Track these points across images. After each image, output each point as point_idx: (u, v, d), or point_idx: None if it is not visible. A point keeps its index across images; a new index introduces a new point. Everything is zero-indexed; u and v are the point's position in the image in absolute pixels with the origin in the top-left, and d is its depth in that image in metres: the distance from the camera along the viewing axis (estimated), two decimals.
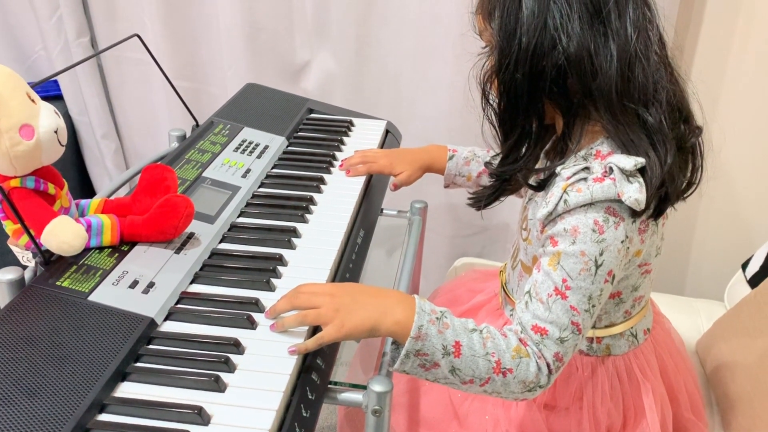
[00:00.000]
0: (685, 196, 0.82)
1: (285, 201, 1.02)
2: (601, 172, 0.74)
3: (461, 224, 1.69)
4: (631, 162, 0.73)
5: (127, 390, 0.66)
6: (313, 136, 1.25)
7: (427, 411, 0.99)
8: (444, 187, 1.18)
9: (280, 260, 0.87)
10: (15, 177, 0.77)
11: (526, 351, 0.74)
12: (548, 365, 0.74)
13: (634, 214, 0.75)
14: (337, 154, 1.19)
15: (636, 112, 0.76)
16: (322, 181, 1.09)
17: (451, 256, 1.68)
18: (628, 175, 0.73)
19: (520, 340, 0.75)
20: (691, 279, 1.65)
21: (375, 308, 0.73)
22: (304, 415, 0.68)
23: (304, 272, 0.86)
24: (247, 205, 1.01)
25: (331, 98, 1.60)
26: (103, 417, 0.63)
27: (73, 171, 1.97)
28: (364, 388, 0.72)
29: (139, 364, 0.69)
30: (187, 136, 1.20)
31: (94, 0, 1.75)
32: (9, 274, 0.77)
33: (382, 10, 1.53)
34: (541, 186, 0.84)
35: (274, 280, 0.83)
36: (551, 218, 0.77)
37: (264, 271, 0.85)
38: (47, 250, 0.78)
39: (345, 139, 1.25)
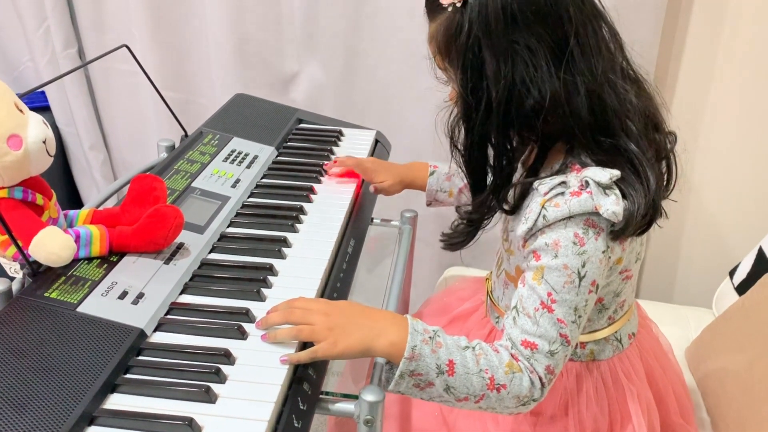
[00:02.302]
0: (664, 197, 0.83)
1: (275, 211, 1.02)
2: (577, 185, 0.75)
3: None
4: (606, 175, 0.74)
5: (116, 402, 0.66)
6: (302, 146, 1.25)
7: (419, 421, 0.98)
8: (426, 204, 1.18)
9: (270, 270, 0.87)
10: (2, 188, 0.77)
11: (518, 366, 0.74)
12: (540, 379, 0.75)
13: (617, 232, 0.75)
14: (327, 163, 1.19)
15: (614, 144, 0.76)
16: (311, 190, 1.09)
17: (441, 266, 1.68)
18: (604, 187, 0.74)
19: (512, 355, 0.75)
20: (679, 287, 1.66)
21: (369, 329, 0.74)
22: (296, 425, 0.67)
23: (295, 282, 0.86)
24: (237, 215, 1.00)
25: (321, 108, 1.61)
26: (93, 429, 0.62)
27: (61, 182, 1.96)
28: (356, 397, 0.72)
29: (128, 376, 0.69)
30: (176, 147, 1.19)
31: (82, 11, 1.75)
32: None
33: (371, 21, 1.54)
34: (513, 210, 0.85)
35: (264, 290, 0.83)
36: (532, 233, 0.77)
37: (254, 281, 0.85)
38: (35, 261, 0.78)
39: (334, 149, 1.25)
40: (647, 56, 1.39)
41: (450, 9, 0.76)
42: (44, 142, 0.77)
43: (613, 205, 0.72)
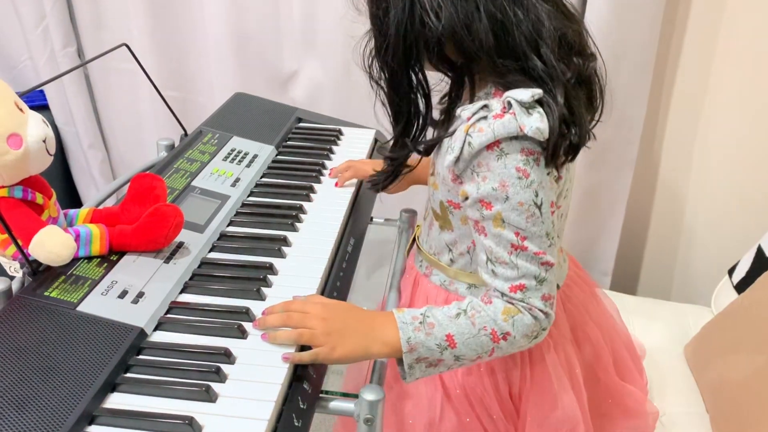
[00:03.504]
0: (591, 128, 0.82)
1: (275, 210, 1.02)
2: (500, 108, 0.74)
3: None
4: (528, 94, 0.73)
5: (116, 401, 0.66)
6: (302, 145, 1.25)
7: None
8: None
9: (270, 269, 0.87)
10: (2, 187, 0.77)
11: (516, 309, 0.75)
12: (541, 310, 0.76)
13: (550, 153, 0.74)
14: (327, 162, 1.19)
15: (521, 67, 0.75)
16: (311, 189, 1.09)
17: None
18: (527, 107, 0.73)
19: (507, 301, 0.76)
20: (678, 284, 1.66)
21: (364, 335, 0.75)
22: (296, 424, 0.68)
23: (295, 281, 0.86)
24: (237, 214, 1.01)
25: (320, 107, 1.61)
26: (93, 429, 0.63)
27: (60, 181, 1.96)
28: (356, 396, 0.72)
29: (128, 375, 0.69)
30: (176, 146, 1.19)
31: (81, 10, 1.75)
32: None
33: None
34: (428, 150, 0.84)
35: (264, 289, 0.83)
36: (461, 166, 0.76)
37: (254, 280, 0.85)
38: (35, 261, 0.78)
39: (334, 147, 1.25)
40: (646, 54, 1.39)
41: None
42: (44, 141, 0.77)
43: (536, 122, 0.72)
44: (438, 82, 0.85)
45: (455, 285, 0.91)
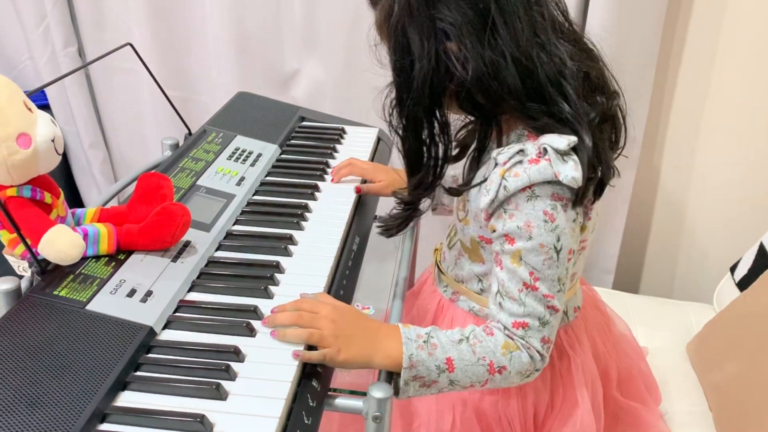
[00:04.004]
0: (615, 158, 0.83)
1: (280, 208, 1.02)
2: (535, 153, 0.75)
3: None
4: (564, 142, 0.74)
5: (127, 399, 0.66)
6: (305, 144, 1.25)
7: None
8: (431, 210, 1.17)
9: (277, 267, 0.87)
10: (11, 186, 0.77)
11: (515, 345, 0.76)
12: (538, 351, 0.77)
13: (578, 195, 0.75)
14: (330, 161, 1.19)
15: (547, 111, 0.76)
16: (316, 188, 1.09)
17: None
18: (562, 154, 0.74)
19: (507, 335, 0.77)
20: (679, 282, 1.67)
21: (368, 345, 0.76)
22: (306, 422, 0.68)
23: (302, 279, 0.86)
24: (243, 212, 1.01)
25: (321, 106, 1.61)
26: (104, 427, 0.63)
27: (61, 181, 1.94)
28: (365, 394, 0.72)
29: (139, 373, 0.69)
30: (180, 145, 1.20)
31: (82, 9, 1.75)
32: (5, 284, 0.76)
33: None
34: (459, 192, 0.85)
35: (271, 288, 0.83)
36: (494, 206, 0.77)
37: (261, 278, 0.85)
38: (44, 260, 0.78)
39: (337, 146, 1.26)
40: (648, 53, 1.40)
41: None
42: (53, 141, 0.78)
43: (572, 171, 0.73)
44: (456, 119, 0.86)
45: (485, 311, 0.91)
